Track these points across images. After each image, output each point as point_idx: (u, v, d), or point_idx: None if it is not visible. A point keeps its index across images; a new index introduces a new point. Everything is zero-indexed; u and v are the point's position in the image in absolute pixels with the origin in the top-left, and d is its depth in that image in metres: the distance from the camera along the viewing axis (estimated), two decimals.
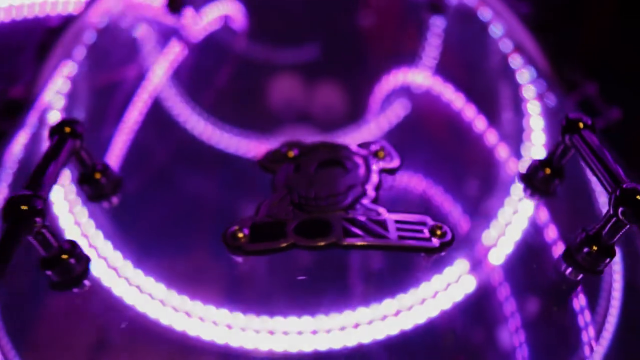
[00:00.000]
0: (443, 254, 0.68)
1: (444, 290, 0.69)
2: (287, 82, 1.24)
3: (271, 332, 0.65)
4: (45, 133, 0.78)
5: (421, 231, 0.66)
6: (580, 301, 0.73)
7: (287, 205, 0.67)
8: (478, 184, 0.96)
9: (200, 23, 1.36)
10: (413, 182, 0.87)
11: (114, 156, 0.95)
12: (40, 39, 1.44)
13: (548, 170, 0.79)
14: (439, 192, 0.86)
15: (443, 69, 1.25)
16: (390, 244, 0.64)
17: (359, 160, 0.71)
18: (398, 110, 1.11)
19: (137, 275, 0.72)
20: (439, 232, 0.65)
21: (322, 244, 0.64)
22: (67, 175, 0.89)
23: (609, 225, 0.68)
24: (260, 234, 0.66)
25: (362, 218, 0.65)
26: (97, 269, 0.75)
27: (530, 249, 0.78)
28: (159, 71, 1.21)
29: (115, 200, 0.80)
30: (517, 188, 0.87)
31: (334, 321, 0.65)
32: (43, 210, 0.63)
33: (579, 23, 2.51)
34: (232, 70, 1.38)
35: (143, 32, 1.35)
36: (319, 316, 0.65)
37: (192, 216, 0.83)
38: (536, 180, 0.80)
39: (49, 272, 0.68)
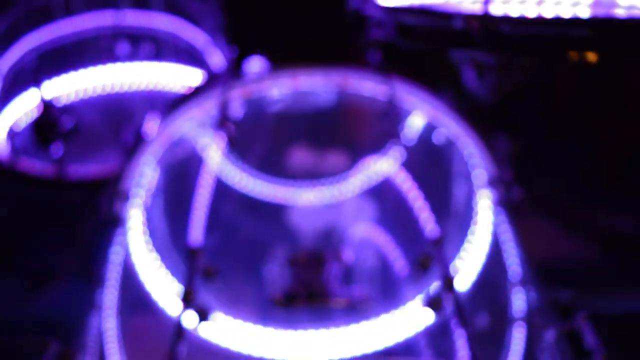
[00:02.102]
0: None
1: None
2: (300, 152, 2.13)
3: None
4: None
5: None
6: None
7: (297, 286, 1.55)
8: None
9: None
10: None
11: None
12: (130, 143, 2.32)
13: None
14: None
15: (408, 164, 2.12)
16: (343, 301, 1.52)
17: (331, 262, 1.59)
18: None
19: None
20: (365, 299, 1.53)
21: (316, 303, 1.52)
22: None
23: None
24: (287, 299, 1.54)
25: (331, 290, 1.53)
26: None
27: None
28: (216, 152, 2.09)
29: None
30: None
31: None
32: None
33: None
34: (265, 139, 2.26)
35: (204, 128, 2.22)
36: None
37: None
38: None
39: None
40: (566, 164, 3.16)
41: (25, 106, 3.02)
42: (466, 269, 1.97)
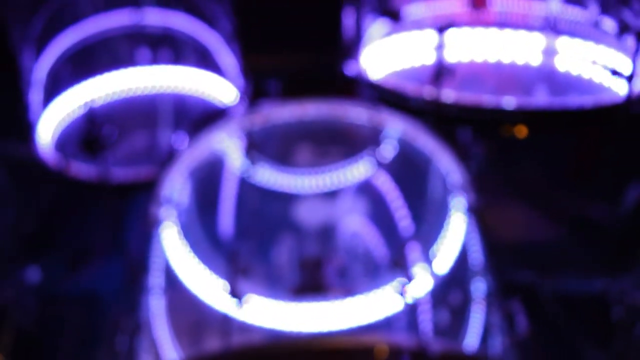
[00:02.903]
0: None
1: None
2: (305, 148, 2.74)
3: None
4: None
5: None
6: None
7: (304, 282, 2.17)
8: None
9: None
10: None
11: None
12: (163, 155, 2.88)
13: None
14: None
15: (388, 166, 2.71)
16: (339, 290, 2.14)
17: (328, 264, 2.20)
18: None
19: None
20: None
21: (318, 293, 2.15)
22: None
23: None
24: (298, 291, 2.17)
25: (329, 284, 2.14)
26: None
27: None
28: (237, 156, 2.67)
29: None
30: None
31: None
32: None
33: None
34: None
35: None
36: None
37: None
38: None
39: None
40: (540, 150, 3.65)
41: (65, 110, 3.40)
42: (442, 256, 2.57)
